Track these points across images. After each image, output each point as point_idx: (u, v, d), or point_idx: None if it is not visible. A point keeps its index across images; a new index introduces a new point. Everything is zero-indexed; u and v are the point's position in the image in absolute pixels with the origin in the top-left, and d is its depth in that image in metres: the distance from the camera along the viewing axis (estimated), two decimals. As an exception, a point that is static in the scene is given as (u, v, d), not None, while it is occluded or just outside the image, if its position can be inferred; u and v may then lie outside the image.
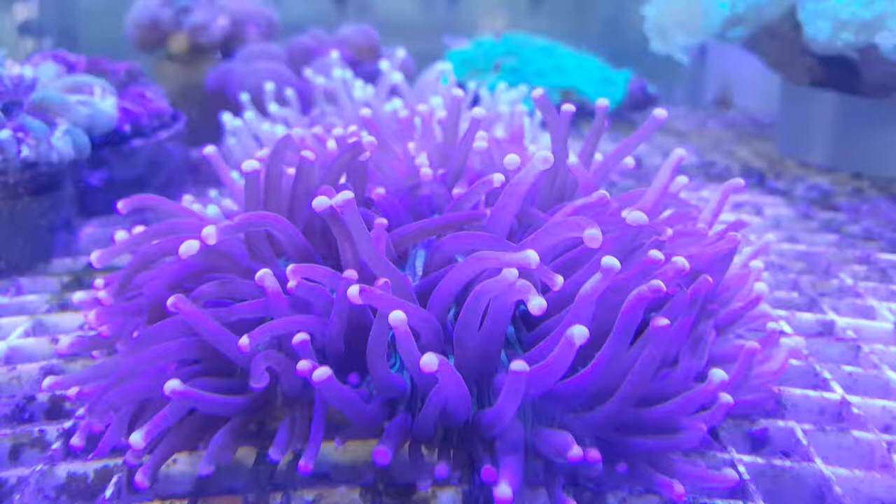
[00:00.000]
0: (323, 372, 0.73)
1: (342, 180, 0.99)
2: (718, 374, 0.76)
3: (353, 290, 0.73)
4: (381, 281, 0.78)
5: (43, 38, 2.98)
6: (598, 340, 0.78)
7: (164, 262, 0.94)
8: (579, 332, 0.70)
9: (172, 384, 0.75)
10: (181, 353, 0.83)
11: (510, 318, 0.79)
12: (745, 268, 1.01)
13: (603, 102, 1.04)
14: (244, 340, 0.76)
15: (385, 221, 0.91)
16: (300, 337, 0.76)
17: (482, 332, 0.78)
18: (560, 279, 0.77)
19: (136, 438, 0.76)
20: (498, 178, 0.90)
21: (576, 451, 0.71)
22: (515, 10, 3.61)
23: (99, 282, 0.99)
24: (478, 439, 0.79)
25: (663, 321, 0.74)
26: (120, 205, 0.97)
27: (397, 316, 0.72)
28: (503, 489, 0.70)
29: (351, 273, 0.79)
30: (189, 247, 0.80)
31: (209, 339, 0.81)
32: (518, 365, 0.69)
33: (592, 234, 0.75)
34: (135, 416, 0.84)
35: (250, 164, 0.94)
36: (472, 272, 0.80)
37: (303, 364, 0.75)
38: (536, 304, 0.71)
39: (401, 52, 1.86)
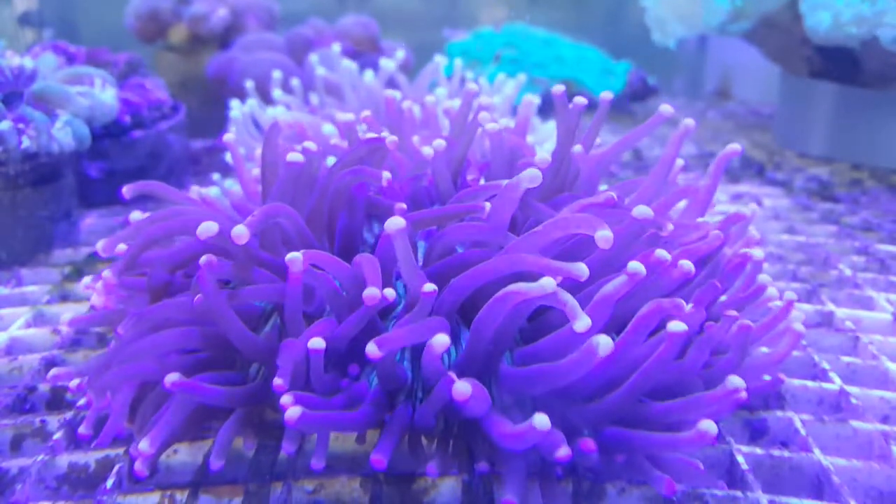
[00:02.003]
0: (294, 412, 0.73)
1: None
2: (734, 381, 0.74)
3: (372, 348, 0.72)
4: (429, 287, 0.77)
5: (43, 29, 2.97)
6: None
7: (170, 244, 0.94)
8: (605, 344, 0.69)
9: (172, 377, 0.74)
10: (183, 341, 0.83)
11: (527, 316, 0.79)
12: (736, 255, 1.00)
13: (607, 96, 1.04)
14: (278, 381, 0.75)
15: (404, 206, 0.91)
16: (316, 344, 0.76)
17: (497, 325, 0.78)
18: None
19: (144, 446, 0.75)
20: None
21: (563, 451, 0.70)
22: (515, 1, 3.60)
23: (121, 247, 0.97)
24: (478, 432, 0.79)
25: (681, 326, 0.73)
26: (124, 190, 0.96)
27: (440, 341, 0.71)
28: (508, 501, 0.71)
29: (390, 292, 0.78)
30: (207, 227, 0.79)
31: (220, 322, 0.81)
32: (541, 420, 0.68)
33: (605, 236, 0.74)
34: (135, 402, 0.83)
35: (294, 157, 0.92)
36: (508, 271, 0.79)
37: (285, 399, 0.74)
38: (583, 324, 0.70)
39: (400, 53, 1.86)
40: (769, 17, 1.99)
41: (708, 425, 0.70)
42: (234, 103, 1.61)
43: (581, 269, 0.73)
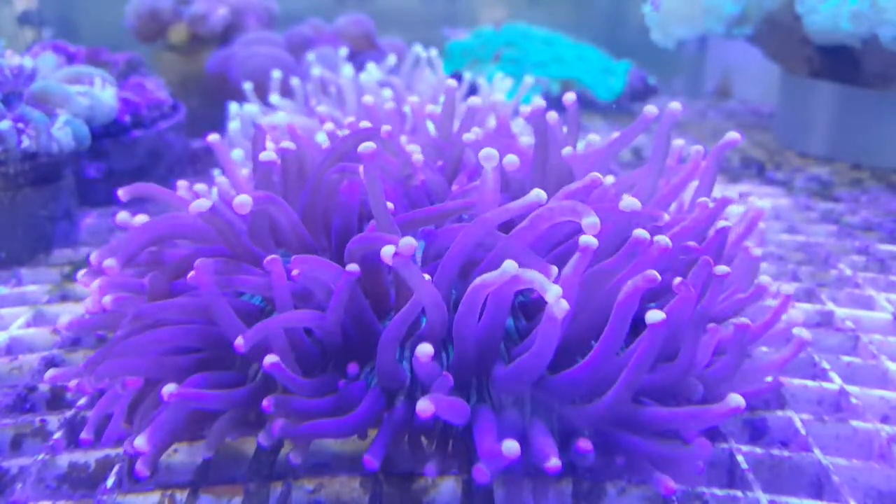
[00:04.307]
0: (277, 425, 0.74)
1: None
2: (735, 399, 0.73)
3: (388, 250, 0.73)
4: (409, 241, 0.77)
5: (43, 29, 2.97)
6: (596, 325, 0.78)
7: (170, 249, 0.94)
8: (560, 308, 0.69)
9: (170, 388, 0.74)
10: (183, 338, 0.83)
11: (509, 310, 0.79)
12: (715, 230, 1.00)
13: (571, 97, 1.08)
14: (239, 341, 0.75)
15: (391, 205, 0.91)
16: (270, 359, 0.75)
17: (482, 325, 0.78)
18: (555, 269, 0.77)
19: (140, 442, 0.75)
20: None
21: (553, 462, 0.70)
22: (515, 1, 3.60)
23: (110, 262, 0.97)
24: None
25: (659, 315, 0.73)
26: (120, 192, 0.97)
27: (425, 350, 0.72)
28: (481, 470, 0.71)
29: (353, 267, 0.79)
30: (199, 205, 0.82)
31: (216, 317, 0.81)
32: (510, 447, 0.69)
33: (591, 222, 0.74)
34: (133, 403, 0.83)
35: (268, 155, 0.93)
36: (481, 233, 0.80)
37: (266, 402, 0.75)
38: (553, 293, 0.69)
39: (392, 58, 1.86)
40: (770, 16, 1.99)
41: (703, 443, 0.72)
42: (233, 108, 1.61)
43: (539, 195, 0.76)
